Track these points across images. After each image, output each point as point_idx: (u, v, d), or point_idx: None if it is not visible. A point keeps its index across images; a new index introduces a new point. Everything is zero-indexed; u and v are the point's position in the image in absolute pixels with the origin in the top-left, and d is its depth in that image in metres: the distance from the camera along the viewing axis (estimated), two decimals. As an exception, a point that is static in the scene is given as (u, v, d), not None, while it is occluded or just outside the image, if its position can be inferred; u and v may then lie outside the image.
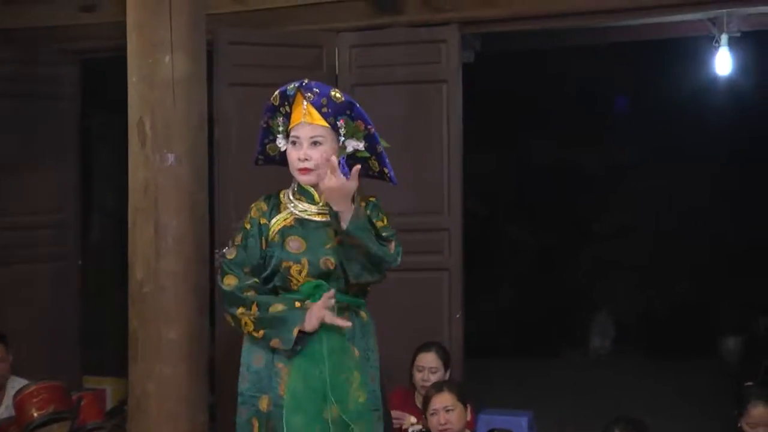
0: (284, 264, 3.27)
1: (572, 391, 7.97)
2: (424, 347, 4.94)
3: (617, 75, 9.14)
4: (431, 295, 5.60)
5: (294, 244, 3.28)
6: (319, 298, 3.20)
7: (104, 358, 6.84)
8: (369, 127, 3.27)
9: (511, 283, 10.15)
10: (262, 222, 3.34)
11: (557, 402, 7.38)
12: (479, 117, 6.53)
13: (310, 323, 3.16)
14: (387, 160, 3.37)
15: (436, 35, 5.64)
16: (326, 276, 3.27)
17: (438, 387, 4.50)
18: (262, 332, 3.23)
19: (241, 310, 3.25)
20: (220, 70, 5.52)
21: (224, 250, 3.52)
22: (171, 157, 4.08)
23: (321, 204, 3.29)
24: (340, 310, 3.24)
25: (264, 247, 3.32)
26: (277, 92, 3.33)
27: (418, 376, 4.89)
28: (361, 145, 3.28)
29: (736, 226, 9.40)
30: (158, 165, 4.12)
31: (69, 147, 6.58)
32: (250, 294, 3.26)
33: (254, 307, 3.22)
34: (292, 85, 3.28)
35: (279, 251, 3.28)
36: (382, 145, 3.34)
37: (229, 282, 3.29)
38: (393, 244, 3.31)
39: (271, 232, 3.32)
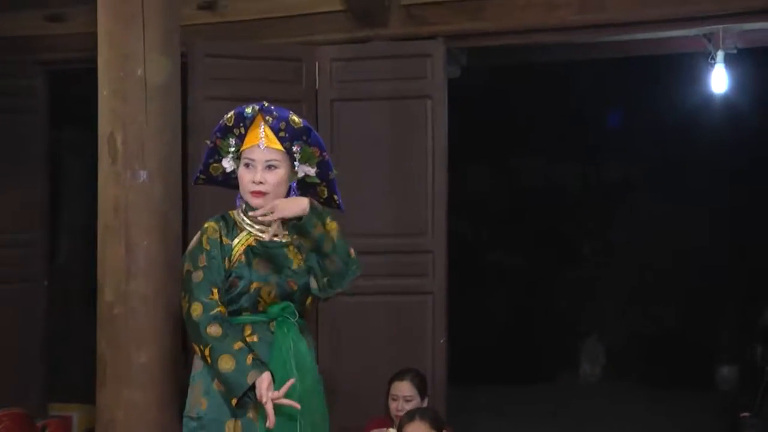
0: (254, 285, 3.23)
1: (561, 420, 7.81)
2: (398, 375, 4.80)
3: (609, 91, 9.03)
4: (414, 319, 5.45)
5: (262, 265, 3.25)
6: (284, 319, 3.23)
7: (71, 383, 6.70)
8: (324, 153, 3.33)
9: (498, 308, 9.99)
10: (224, 242, 3.27)
11: (546, 430, 7.23)
12: (465, 134, 6.39)
13: (259, 394, 3.08)
14: (337, 187, 3.44)
15: (421, 49, 5.50)
16: (290, 297, 3.28)
17: (410, 416, 4.34)
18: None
19: (198, 348, 3.18)
20: (195, 84, 5.37)
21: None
22: (143, 174, 4.00)
23: (275, 227, 3.28)
24: (302, 331, 3.31)
25: (228, 267, 3.25)
26: (232, 113, 3.29)
27: (392, 406, 4.75)
28: (312, 171, 3.33)
29: (731, 248, 9.31)
30: (129, 182, 4.02)
31: (36, 162, 6.45)
32: (211, 332, 3.14)
33: (207, 351, 3.14)
34: (251, 107, 3.26)
35: (248, 272, 3.23)
36: (334, 172, 3.41)
37: (197, 312, 3.18)
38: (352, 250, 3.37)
39: (235, 253, 3.26)
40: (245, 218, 3.30)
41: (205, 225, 3.31)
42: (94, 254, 4.15)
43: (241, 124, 3.26)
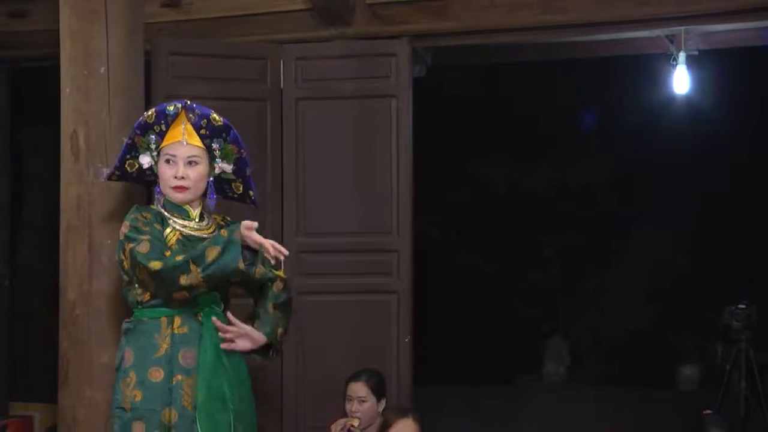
0: None
1: (526, 420, 7.82)
2: (354, 376, 4.81)
3: (571, 92, 9.07)
4: (379, 318, 5.41)
5: None
6: (211, 311, 3.35)
7: (32, 382, 6.66)
8: (242, 151, 3.45)
9: (462, 308, 10.00)
10: (156, 227, 3.36)
11: (510, 430, 7.23)
12: (430, 133, 6.39)
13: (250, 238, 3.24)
14: (253, 183, 3.56)
15: (386, 49, 5.47)
16: (214, 287, 3.34)
17: (402, 413, 4.56)
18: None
19: (184, 278, 3.22)
20: (158, 82, 5.30)
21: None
22: (106, 172, 3.91)
23: (196, 220, 3.43)
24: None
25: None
26: (153, 110, 3.43)
27: (347, 407, 4.75)
28: (229, 168, 3.45)
29: (693, 248, 9.39)
30: (92, 180, 4.01)
31: (-3, 160, 6.31)
32: (179, 258, 3.23)
33: (192, 266, 3.21)
34: (173, 105, 3.39)
35: None
36: (250, 169, 3.54)
37: (155, 265, 3.23)
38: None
39: (168, 241, 3.36)
40: (166, 212, 3.41)
41: (131, 215, 3.38)
42: (57, 254, 4.12)
43: (162, 122, 3.39)
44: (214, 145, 3.39)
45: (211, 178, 3.43)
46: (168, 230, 3.38)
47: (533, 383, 9.67)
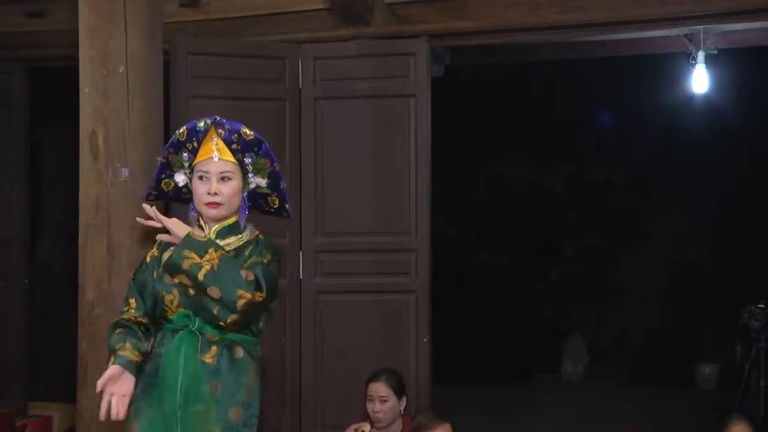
0: (161, 294, 3.29)
1: (544, 418, 7.81)
2: (374, 376, 4.78)
3: (589, 91, 9.03)
4: (397, 318, 5.40)
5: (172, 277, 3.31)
6: (188, 330, 3.25)
7: (51, 382, 6.66)
8: (274, 165, 3.39)
9: (481, 307, 9.98)
10: (155, 255, 3.37)
11: (530, 429, 7.22)
12: (449, 133, 6.37)
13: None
14: (287, 197, 3.49)
15: (404, 48, 5.46)
16: (197, 306, 3.25)
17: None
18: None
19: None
20: (177, 82, 5.30)
21: None
22: (125, 172, 3.97)
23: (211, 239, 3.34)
24: (209, 343, 3.27)
25: (154, 277, 3.34)
26: (184, 127, 3.36)
27: (369, 407, 4.73)
28: (263, 183, 3.39)
29: (713, 248, 9.34)
30: (111, 180, 4.02)
31: (17, 160, 6.38)
32: (114, 336, 3.26)
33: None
34: (203, 121, 3.33)
35: (158, 283, 3.31)
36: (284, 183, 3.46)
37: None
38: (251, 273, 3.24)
39: (161, 264, 3.34)
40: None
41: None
42: (76, 253, 4.13)
43: (194, 138, 3.33)
44: (247, 160, 3.33)
45: (246, 193, 3.36)
46: (168, 251, 3.29)
47: (552, 382, 9.65)
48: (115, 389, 3.14)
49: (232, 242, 3.33)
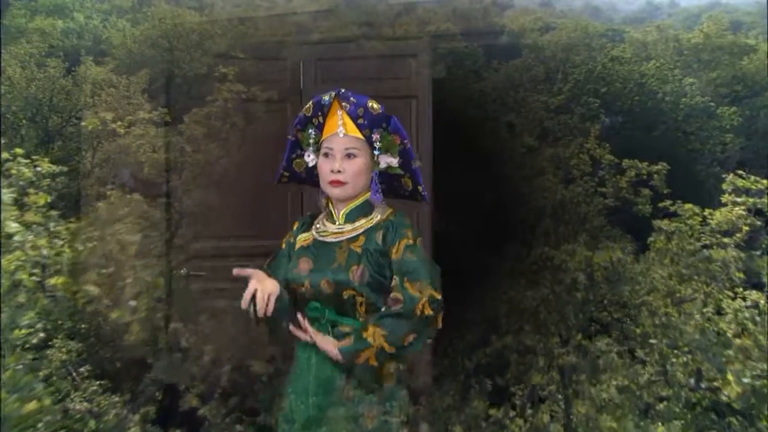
0: (291, 285, 3.07)
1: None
2: None
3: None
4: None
5: (304, 265, 3.07)
6: (318, 321, 3.04)
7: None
8: (405, 141, 3.11)
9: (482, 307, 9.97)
10: (291, 240, 3.14)
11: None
12: (450, 133, 6.37)
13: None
14: (420, 177, 3.15)
15: (406, 49, 5.48)
16: (326, 298, 3.04)
17: None
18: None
19: None
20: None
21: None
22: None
23: (339, 222, 3.10)
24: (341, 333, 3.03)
25: (289, 263, 3.12)
26: (310, 102, 3.12)
27: None
28: (395, 161, 3.10)
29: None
30: None
31: None
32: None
33: None
34: (328, 94, 3.10)
35: (289, 273, 3.09)
36: (417, 162, 3.15)
37: None
38: (417, 287, 3.04)
39: (294, 250, 3.12)
40: (322, 218, 3.14)
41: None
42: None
43: (320, 113, 3.11)
44: (374, 136, 3.07)
45: (376, 172, 3.09)
46: (300, 236, 3.13)
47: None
48: (262, 285, 2.92)
49: (362, 224, 3.06)
